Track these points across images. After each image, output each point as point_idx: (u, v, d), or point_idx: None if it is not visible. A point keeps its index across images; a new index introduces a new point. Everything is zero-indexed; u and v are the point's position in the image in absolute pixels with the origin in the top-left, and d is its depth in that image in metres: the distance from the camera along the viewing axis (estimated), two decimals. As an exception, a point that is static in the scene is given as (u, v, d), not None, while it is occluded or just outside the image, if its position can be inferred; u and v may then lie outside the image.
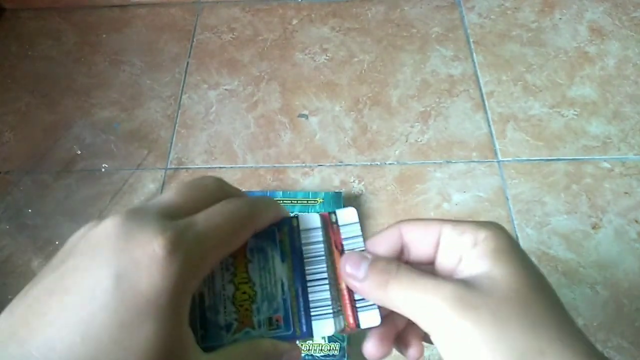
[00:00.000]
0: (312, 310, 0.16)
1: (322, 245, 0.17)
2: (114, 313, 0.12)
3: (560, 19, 0.70)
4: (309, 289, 0.16)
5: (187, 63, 0.69)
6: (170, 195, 0.15)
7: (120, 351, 0.12)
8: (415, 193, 0.56)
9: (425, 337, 0.17)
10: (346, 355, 0.45)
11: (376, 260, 0.16)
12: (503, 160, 0.58)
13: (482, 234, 0.16)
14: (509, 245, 0.16)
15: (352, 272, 0.16)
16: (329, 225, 0.17)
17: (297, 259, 0.16)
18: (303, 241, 0.17)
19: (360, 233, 0.18)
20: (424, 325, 0.15)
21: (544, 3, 0.71)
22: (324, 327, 0.16)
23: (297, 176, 0.58)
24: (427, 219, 0.17)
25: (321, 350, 0.46)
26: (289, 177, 0.58)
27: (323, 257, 0.17)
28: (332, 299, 0.16)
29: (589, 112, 0.61)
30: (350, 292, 0.17)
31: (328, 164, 0.59)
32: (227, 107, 0.64)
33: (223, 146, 0.61)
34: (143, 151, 0.61)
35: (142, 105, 0.65)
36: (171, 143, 0.62)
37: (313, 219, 0.17)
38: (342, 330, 0.16)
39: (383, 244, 0.17)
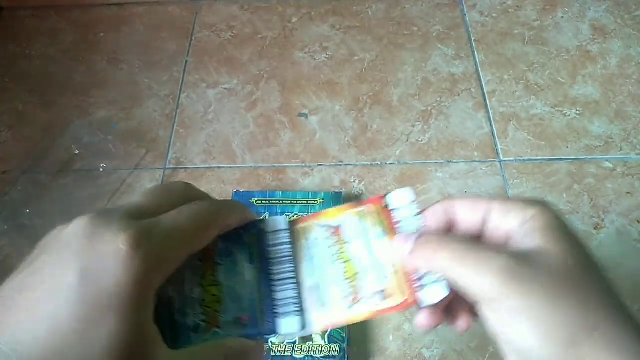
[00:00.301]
0: (277, 308, 0.16)
1: (288, 246, 0.17)
2: (78, 307, 0.12)
3: (562, 17, 0.69)
4: (275, 288, 0.17)
5: (186, 62, 0.69)
6: (137, 198, 0.15)
7: (85, 343, 0.12)
8: (416, 193, 0.56)
9: (473, 309, 0.18)
10: (346, 356, 0.45)
11: (424, 233, 0.17)
12: (505, 160, 0.58)
13: (530, 212, 0.16)
14: (557, 223, 0.16)
15: (400, 245, 0.17)
16: (382, 211, 0.19)
17: (264, 261, 0.17)
18: (270, 243, 0.17)
19: (415, 212, 0.19)
20: (472, 296, 0.15)
21: (546, 1, 0.71)
22: (288, 325, 0.16)
23: (296, 176, 0.58)
24: (476, 197, 0.18)
25: (321, 351, 0.45)
26: (288, 177, 0.58)
27: (290, 258, 0.17)
28: (298, 298, 0.17)
29: (591, 112, 0.61)
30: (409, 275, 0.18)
31: (328, 164, 0.59)
32: (226, 106, 0.64)
33: (222, 146, 0.61)
34: (141, 151, 0.61)
35: (140, 104, 0.65)
36: (170, 143, 0.62)
37: (280, 222, 0.18)
38: (304, 329, 0.17)
39: (430, 219, 0.18)
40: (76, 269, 0.13)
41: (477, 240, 0.18)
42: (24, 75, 0.69)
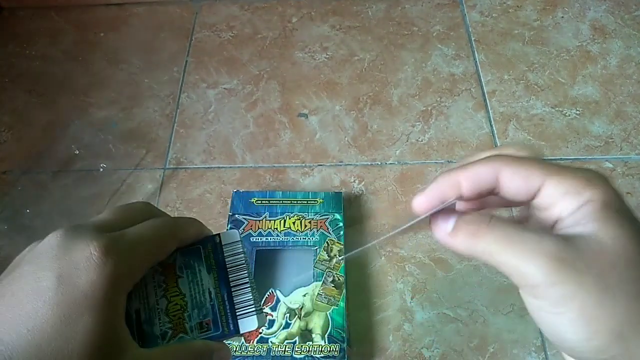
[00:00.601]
0: (237, 310, 0.18)
1: (242, 255, 0.19)
2: (56, 307, 0.14)
3: (562, 17, 0.69)
4: (233, 293, 0.19)
5: (186, 62, 0.69)
6: (105, 214, 0.18)
7: (62, 340, 0.14)
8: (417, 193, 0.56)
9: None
10: (346, 356, 0.45)
11: (465, 215, 0.16)
12: (504, 160, 0.58)
13: (589, 193, 0.15)
14: (618, 206, 0.14)
15: (441, 224, 0.16)
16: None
17: (221, 270, 0.19)
18: (226, 254, 0.19)
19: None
20: (516, 279, 0.14)
21: (546, 1, 0.71)
22: (248, 324, 0.18)
23: (296, 176, 0.58)
24: (529, 164, 0.15)
25: (321, 351, 0.45)
26: (288, 177, 0.58)
27: (244, 265, 0.19)
28: (255, 300, 0.19)
29: (591, 112, 0.61)
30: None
31: (328, 164, 0.59)
32: (226, 106, 0.64)
33: (222, 146, 0.61)
34: (141, 151, 0.61)
35: (140, 104, 0.65)
36: (170, 143, 0.62)
37: (233, 234, 0.20)
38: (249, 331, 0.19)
39: (473, 178, 0.16)
40: (53, 274, 0.14)
41: (522, 222, 0.17)
42: (23, 76, 0.69)
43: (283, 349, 0.45)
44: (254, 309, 0.18)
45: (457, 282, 0.50)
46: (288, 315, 0.46)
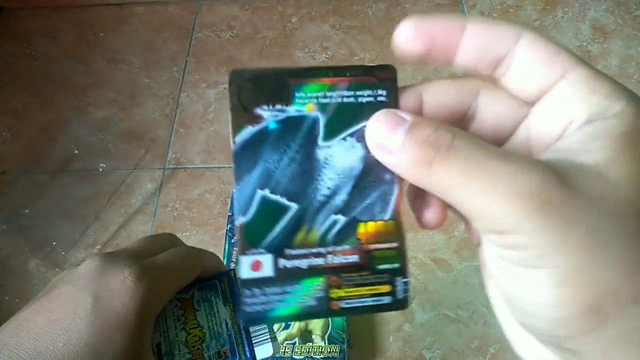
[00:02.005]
0: (253, 339, 0.19)
1: None
2: (91, 325, 0.15)
3: (562, 17, 0.69)
4: None
5: (186, 61, 0.69)
6: (135, 243, 0.19)
7: (96, 355, 0.15)
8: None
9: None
10: (346, 357, 0.45)
11: (418, 124, 0.11)
12: (505, 160, 0.58)
13: (623, 103, 0.11)
14: None
15: (381, 140, 0.12)
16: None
17: (237, 302, 0.20)
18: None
19: None
20: (479, 223, 0.11)
21: (546, 1, 0.71)
22: (264, 351, 0.19)
23: (296, 176, 0.58)
24: (557, 46, 0.11)
25: (321, 352, 0.45)
26: (288, 177, 0.58)
27: None
28: (269, 328, 0.20)
29: (591, 112, 0.61)
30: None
31: (328, 164, 0.59)
32: (226, 106, 0.64)
33: (222, 145, 0.60)
34: (141, 151, 0.61)
35: (139, 104, 0.65)
36: (169, 142, 0.62)
37: None
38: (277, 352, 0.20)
39: (489, 31, 0.12)
40: (90, 294, 0.16)
41: (500, 140, 0.13)
42: (23, 75, 0.69)
43: (283, 350, 0.45)
44: (268, 336, 0.19)
45: (458, 282, 0.50)
46: (288, 315, 0.46)
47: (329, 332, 0.45)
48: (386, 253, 0.13)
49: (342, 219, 0.13)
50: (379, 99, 0.14)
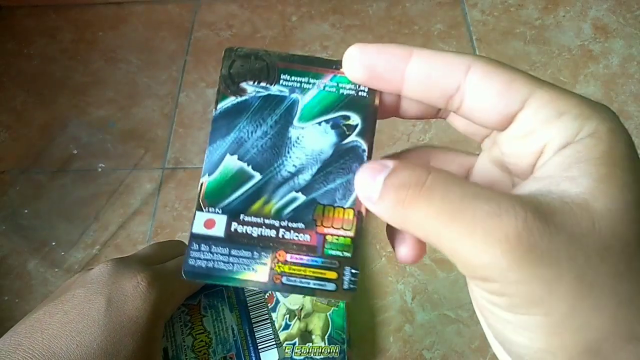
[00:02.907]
0: (259, 344, 0.20)
1: (262, 294, 0.21)
2: (104, 327, 0.15)
3: (563, 16, 0.69)
4: (254, 329, 0.20)
5: (185, 61, 0.68)
6: (145, 249, 0.20)
7: (107, 357, 0.15)
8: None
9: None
10: (346, 357, 0.45)
11: (399, 168, 0.11)
12: (506, 160, 0.57)
13: (594, 121, 0.10)
14: (627, 154, 0.10)
15: (364, 190, 0.12)
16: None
17: (243, 308, 0.20)
18: (247, 294, 0.21)
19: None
20: (462, 268, 0.10)
21: (548, 0, 0.70)
22: (270, 356, 0.20)
23: (296, 176, 0.58)
24: (512, 70, 0.11)
25: (321, 352, 0.45)
26: (288, 177, 0.58)
27: (264, 303, 0.21)
28: (275, 334, 0.20)
29: (593, 111, 0.60)
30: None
31: (328, 164, 0.58)
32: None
33: (221, 145, 0.60)
34: (140, 151, 0.60)
35: (138, 103, 0.65)
36: (168, 142, 0.61)
37: None
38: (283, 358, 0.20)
39: (431, 61, 0.11)
40: (103, 298, 0.16)
41: (477, 176, 0.13)
42: (22, 75, 0.68)
43: (282, 346, 0.45)
44: (274, 342, 0.20)
45: (459, 282, 0.49)
46: (288, 316, 0.46)
47: (329, 332, 0.45)
48: (339, 240, 0.13)
49: (301, 197, 0.13)
50: (360, 93, 0.14)
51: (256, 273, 0.13)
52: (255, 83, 0.14)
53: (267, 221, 0.13)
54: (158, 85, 0.66)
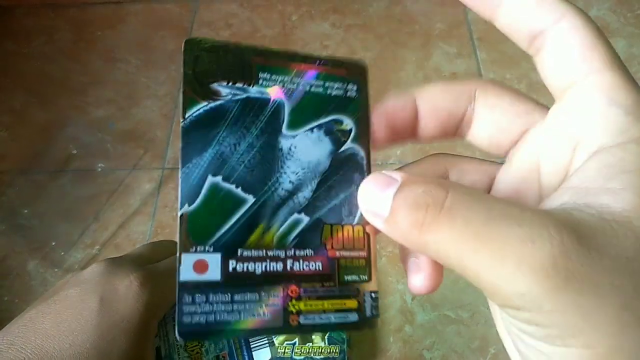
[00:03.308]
0: (251, 343, 0.20)
1: None
2: (97, 327, 0.15)
3: (564, 15, 0.69)
4: None
5: (185, 60, 0.68)
6: (138, 249, 0.20)
7: (101, 355, 0.15)
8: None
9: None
10: (346, 358, 0.45)
11: (408, 183, 0.10)
12: (506, 160, 0.57)
13: (631, 133, 0.08)
14: None
15: (372, 206, 0.10)
16: None
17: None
18: None
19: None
20: (491, 296, 0.10)
21: (549, -1, 0.70)
22: (262, 355, 0.19)
23: (296, 176, 0.58)
24: (515, 96, 0.10)
25: (321, 352, 0.45)
26: (288, 177, 0.58)
27: None
28: None
29: (594, 111, 0.60)
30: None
31: (328, 164, 0.58)
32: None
33: (221, 145, 0.60)
34: (139, 151, 0.60)
35: (138, 103, 0.64)
36: (168, 142, 0.61)
37: None
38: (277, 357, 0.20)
39: (438, 98, 0.11)
40: (97, 297, 0.16)
41: (503, 185, 0.12)
42: (21, 75, 0.68)
43: (283, 350, 0.44)
44: (266, 341, 0.20)
45: (459, 283, 0.49)
46: (288, 317, 0.46)
47: (328, 332, 0.45)
48: (353, 263, 0.11)
49: (305, 218, 0.11)
50: (349, 93, 0.12)
51: (268, 317, 0.11)
52: (230, 83, 0.11)
53: (270, 253, 0.11)
54: (157, 85, 0.66)
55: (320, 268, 0.11)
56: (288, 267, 0.11)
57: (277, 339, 0.45)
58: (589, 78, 0.10)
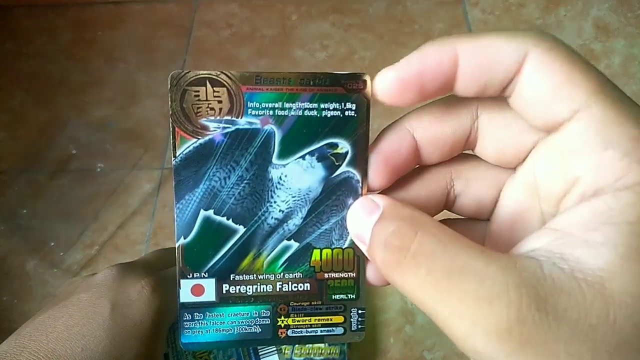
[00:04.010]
0: (259, 350, 0.20)
1: None
2: (108, 331, 0.16)
3: (565, 15, 0.69)
4: None
5: (184, 60, 0.68)
6: (148, 255, 0.20)
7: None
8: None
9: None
10: (346, 358, 0.44)
11: (386, 215, 0.10)
12: (507, 160, 0.57)
13: (636, 172, 0.08)
14: None
15: (355, 230, 0.11)
16: None
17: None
18: None
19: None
20: (456, 343, 0.09)
21: (549, -1, 0.70)
22: None
23: (296, 176, 0.57)
24: (566, 64, 0.09)
25: (321, 353, 0.45)
26: (288, 177, 0.57)
27: None
28: None
29: (594, 111, 0.60)
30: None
31: (328, 164, 0.58)
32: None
33: (221, 145, 0.60)
34: (139, 150, 0.60)
35: (137, 103, 0.64)
36: (168, 142, 0.61)
37: None
38: None
39: (437, 125, 0.10)
40: (108, 302, 0.16)
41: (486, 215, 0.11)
42: (20, 74, 0.68)
43: (283, 351, 0.44)
44: (274, 348, 0.20)
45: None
46: (288, 317, 0.45)
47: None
48: (341, 283, 0.12)
49: (294, 244, 0.12)
50: (347, 113, 0.12)
51: (259, 331, 0.12)
52: (218, 117, 0.12)
53: (260, 277, 0.12)
54: (157, 85, 0.66)
55: (308, 288, 0.12)
56: (277, 289, 0.12)
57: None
58: (579, 115, 0.09)
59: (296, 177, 0.12)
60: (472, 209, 0.12)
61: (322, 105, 0.12)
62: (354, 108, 0.12)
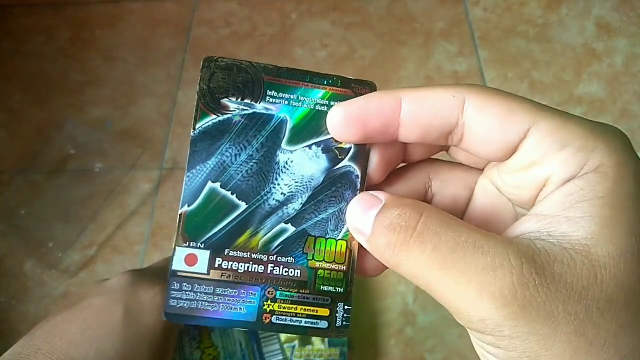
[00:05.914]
0: (266, 358, 0.21)
1: None
2: (121, 336, 0.16)
3: (566, 14, 0.68)
4: (262, 344, 0.21)
5: (183, 59, 0.67)
6: (160, 262, 0.21)
7: None
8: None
9: None
10: (347, 361, 0.44)
11: (390, 205, 0.11)
12: (508, 160, 0.57)
13: (595, 158, 0.09)
14: (636, 191, 0.09)
15: (355, 224, 0.12)
16: None
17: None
18: None
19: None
20: (458, 318, 0.10)
21: (550, -3, 0.70)
22: None
23: (296, 176, 0.57)
24: (512, 97, 0.10)
25: (321, 355, 0.45)
26: (288, 177, 0.57)
27: None
28: (281, 349, 0.21)
29: (596, 110, 0.60)
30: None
31: (328, 164, 0.58)
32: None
33: (220, 145, 0.59)
34: (137, 150, 0.60)
35: (136, 102, 0.64)
36: (166, 142, 0.61)
37: None
38: None
39: (427, 102, 0.11)
40: (121, 307, 0.17)
41: (474, 210, 0.12)
42: (18, 73, 0.67)
43: (282, 352, 0.44)
44: (281, 356, 0.21)
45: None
46: (287, 318, 0.45)
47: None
48: (331, 274, 0.13)
49: (291, 228, 0.13)
50: None
51: (243, 312, 0.12)
52: (239, 99, 0.13)
53: (254, 255, 0.12)
54: (156, 84, 0.65)
55: (298, 275, 0.12)
56: (268, 270, 0.12)
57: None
58: (531, 132, 0.10)
59: (301, 164, 0.13)
60: (448, 208, 0.13)
61: (332, 103, 0.13)
62: None
